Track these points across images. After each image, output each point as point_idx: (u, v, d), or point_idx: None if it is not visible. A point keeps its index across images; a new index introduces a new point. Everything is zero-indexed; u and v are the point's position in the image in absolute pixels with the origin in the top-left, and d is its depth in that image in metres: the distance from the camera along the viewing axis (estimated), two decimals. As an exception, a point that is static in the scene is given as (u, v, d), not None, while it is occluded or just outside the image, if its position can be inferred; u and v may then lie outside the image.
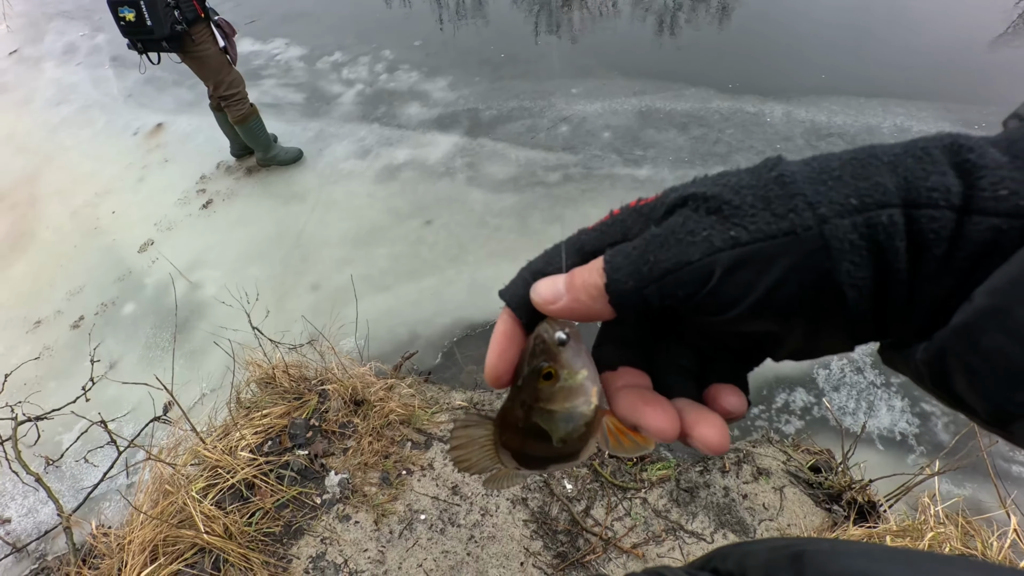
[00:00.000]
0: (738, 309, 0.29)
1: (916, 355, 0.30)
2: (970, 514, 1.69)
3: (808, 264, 0.28)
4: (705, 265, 0.29)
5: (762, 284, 0.29)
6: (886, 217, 0.28)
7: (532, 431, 0.37)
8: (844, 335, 0.32)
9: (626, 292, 0.31)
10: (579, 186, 3.64)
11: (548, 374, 0.35)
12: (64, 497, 2.37)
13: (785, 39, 4.73)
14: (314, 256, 3.50)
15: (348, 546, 1.89)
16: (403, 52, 5.32)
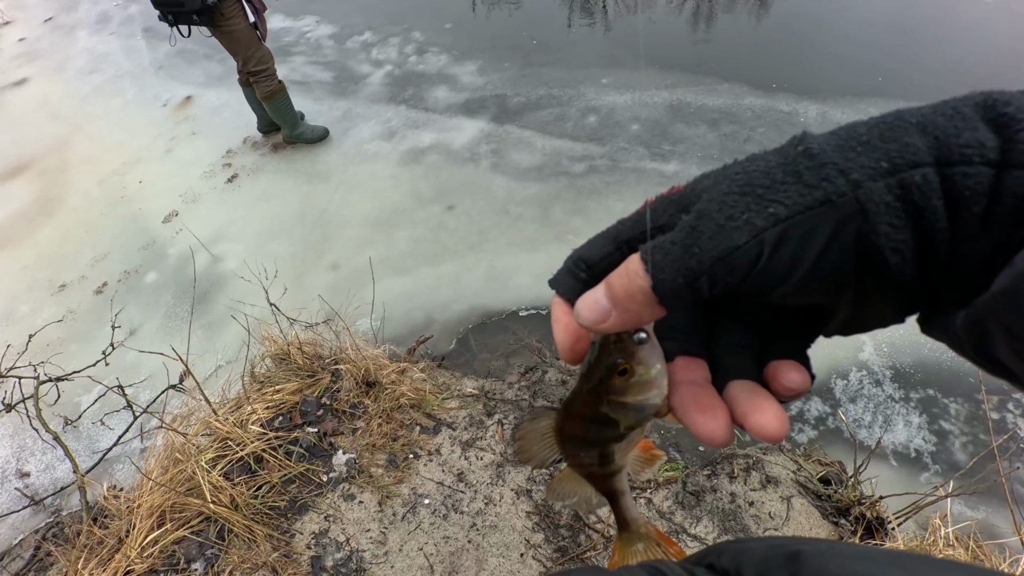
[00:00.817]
0: (788, 284, 0.29)
1: (956, 322, 0.29)
2: (982, 538, 1.64)
3: (848, 230, 0.28)
4: (753, 246, 0.29)
5: (809, 256, 0.29)
6: (919, 176, 0.27)
7: (598, 419, 0.38)
8: (892, 304, 0.31)
9: (676, 289, 0.30)
10: (604, 178, 3.59)
11: (624, 370, 0.35)
12: (80, 457, 2.44)
13: (824, 37, 4.58)
14: (335, 235, 3.52)
15: (351, 525, 1.91)
16: (433, 34, 5.29)
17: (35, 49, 6.57)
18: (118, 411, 2.39)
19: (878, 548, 0.36)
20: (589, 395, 0.37)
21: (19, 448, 2.66)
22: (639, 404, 0.36)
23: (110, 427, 2.46)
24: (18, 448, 2.66)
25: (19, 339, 2.69)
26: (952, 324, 0.30)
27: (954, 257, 0.29)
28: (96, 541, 1.76)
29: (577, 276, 0.36)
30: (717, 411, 0.34)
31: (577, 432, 0.41)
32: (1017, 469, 1.94)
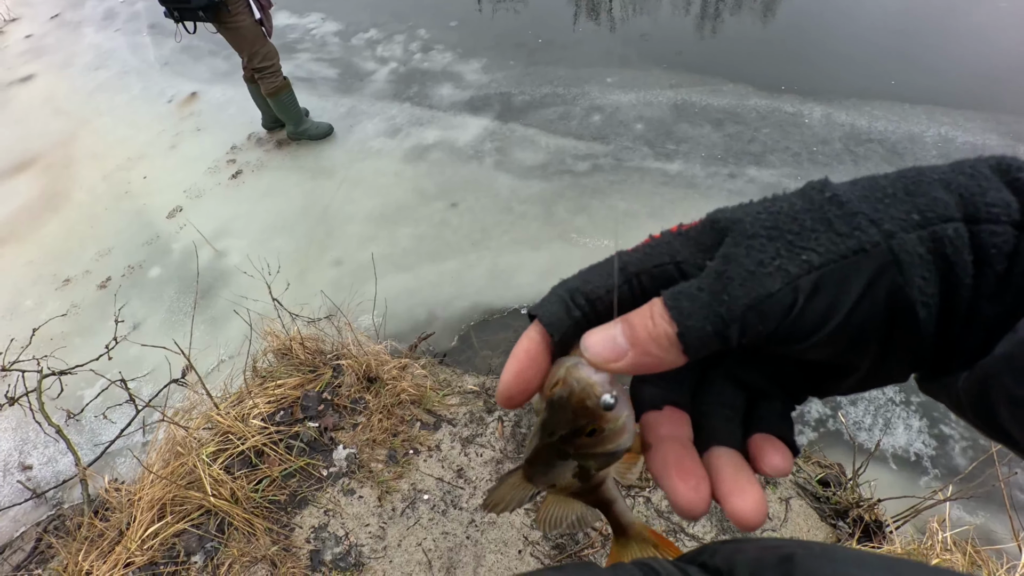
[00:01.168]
0: (820, 334, 0.28)
1: (958, 383, 0.29)
2: (980, 543, 1.64)
3: (883, 281, 0.28)
4: (787, 293, 0.28)
5: (843, 306, 0.28)
6: (952, 230, 0.27)
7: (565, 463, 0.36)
8: (908, 360, 0.31)
9: (704, 338, 0.29)
10: (608, 177, 3.59)
11: (592, 431, 0.33)
12: (82, 450, 2.45)
13: (829, 39, 4.56)
14: (338, 232, 3.52)
15: (350, 519, 1.92)
16: (438, 32, 5.29)
17: (41, 45, 6.61)
18: (120, 405, 2.40)
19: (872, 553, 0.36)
20: (552, 449, 0.35)
21: (22, 441, 2.68)
22: (610, 452, 0.34)
23: (112, 420, 2.48)
24: (21, 441, 2.68)
25: (23, 333, 2.71)
26: (953, 385, 0.30)
27: (970, 318, 0.29)
28: (97, 533, 1.77)
29: (570, 310, 0.33)
30: (699, 481, 0.33)
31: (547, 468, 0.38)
32: (1015, 475, 1.93)
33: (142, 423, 2.43)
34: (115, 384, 2.12)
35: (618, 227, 3.32)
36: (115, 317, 2.50)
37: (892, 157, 3.42)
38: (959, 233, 0.27)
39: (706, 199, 3.34)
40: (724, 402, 0.36)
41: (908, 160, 3.39)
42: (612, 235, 3.24)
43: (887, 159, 3.41)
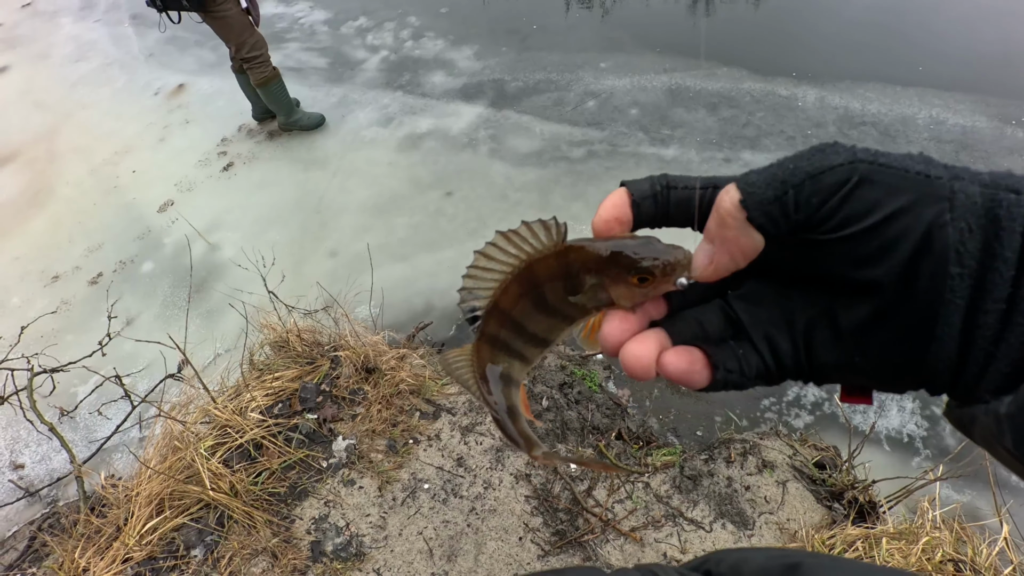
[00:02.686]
0: (860, 225, 0.31)
1: (1000, 408, 0.29)
2: (966, 520, 1.66)
3: (930, 209, 0.30)
4: (845, 171, 0.31)
5: (887, 205, 0.30)
6: (1012, 198, 0.29)
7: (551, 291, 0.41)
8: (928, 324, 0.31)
9: (765, 201, 0.32)
10: (603, 163, 3.57)
11: (644, 279, 0.38)
12: (77, 447, 2.43)
13: (823, 22, 4.54)
14: (333, 223, 3.50)
15: (351, 510, 1.92)
16: (429, 19, 5.22)
17: (14, 36, 6.46)
18: (116, 400, 2.38)
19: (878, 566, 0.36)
20: (562, 264, 0.40)
21: (13, 440, 2.66)
22: (607, 296, 0.39)
23: (108, 417, 2.46)
24: (12, 440, 2.66)
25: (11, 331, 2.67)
26: (990, 411, 0.30)
27: (1011, 314, 0.29)
28: (94, 530, 1.76)
29: (653, 184, 0.38)
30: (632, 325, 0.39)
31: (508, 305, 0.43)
32: None
33: (138, 418, 2.42)
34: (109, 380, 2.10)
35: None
36: (108, 313, 2.47)
37: (885, 140, 3.42)
38: (1020, 203, 0.28)
39: (701, 184, 3.33)
40: (702, 318, 0.39)
41: (900, 142, 3.39)
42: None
43: (880, 142, 3.40)
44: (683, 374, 0.36)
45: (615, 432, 2.19)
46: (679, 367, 0.36)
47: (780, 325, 0.36)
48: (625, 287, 0.39)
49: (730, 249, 0.34)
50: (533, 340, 0.45)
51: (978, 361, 0.31)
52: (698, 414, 2.37)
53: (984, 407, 0.30)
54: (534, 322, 0.44)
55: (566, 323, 0.44)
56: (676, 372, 0.36)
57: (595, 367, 2.54)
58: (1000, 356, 0.30)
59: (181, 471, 1.83)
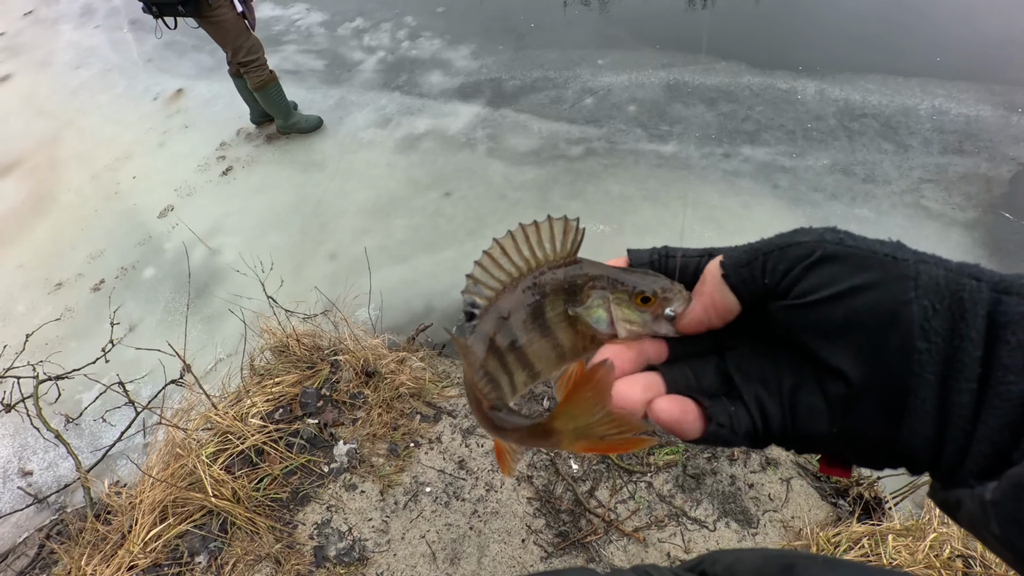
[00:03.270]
0: (819, 294, 0.33)
1: (986, 494, 0.30)
2: None
3: (894, 283, 0.31)
4: (810, 246, 0.34)
5: (851, 279, 0.32)
6: (975, 284, 0.30)
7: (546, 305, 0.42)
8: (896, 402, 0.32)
9: (739, 264, 0.36)
10: (602, 161, 3.56)
11: (646, 299, 0.40)
12: (83, 454, 2.44)
13: (822, 13, 4.50)
14: (332, 225, 3.50)
15: (353, 514, 1.92)
16: (426, 19, 5.21)
17: (16, 44, 6.48)
18: (119, 407, 2.39)
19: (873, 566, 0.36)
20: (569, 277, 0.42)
21: (21, 447, 2.67)
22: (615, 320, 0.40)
23: (112, 423, 2.47)
24: (20, 447, 2.67)
25: (16, 339, 2.69)
26: (974, 496, 0.30)
27: (980, 408, 0.30)
28: (100, 537, 1.77)
29: (652, 254, 0.43)
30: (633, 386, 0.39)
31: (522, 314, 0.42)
32: None
33: (142, 424, 2.42)
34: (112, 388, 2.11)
35: (614, 211, 3.28)
36: (111, 319, 2.48)
37: (887, 131, 3.39)
38: (980, 290, 0.30)
39: (701, 180, 3.31)
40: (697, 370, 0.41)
41: (903, 133, 3.36)
42: (608, 220, 3.21)
43: (882, 134, 3.37)
44: (675, 422, 0.37)
45: (617, 431, 2.19)
46: (671, 415, 0.37)
47: (770, 388, 0.37)
48: (627, 305, 0.40)
49: (705, 303, 0.38)
50: (522, 360, 0.43)
51: (957, 440, 0.31)
52: (700, 412, 2.36)
53: (969, 491, 0.31)
54: (527, 336, 0.43)
55: (555, 352, 0.43)
56: (668, 419, 0.37)
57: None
58: (979, 438, 0.30)
59: (183, 478, 1.83)
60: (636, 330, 0.40)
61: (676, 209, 3.22)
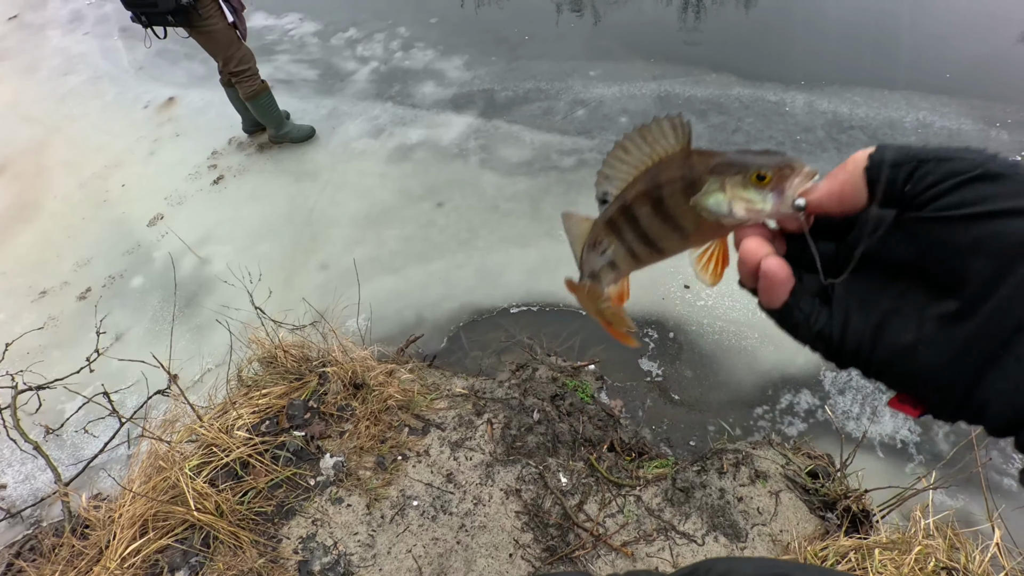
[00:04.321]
0: (965, 210, 0.31)
1: None
2: (960, 526, 1.64)
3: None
4: (974, 162, 0.32)
5: (1003, 202, 0.31)
6: None
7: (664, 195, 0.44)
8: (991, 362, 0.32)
9: (887, 161, 0.35)
10: (593, 172, 3.48)
11: (762, 176, 0.40)
12: (64, 466, 2.40)
13: (811, 27, 4.56)
14: (324, 235, 3.48)
15: (339, 528, 1.89)
16: (419, 29, 5.23)
17: (1, 48, 6.42)
18: (103, 418, 2.35)
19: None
20: (686, 166, 0.43)
21: (-4, 459, 2.62)
22: (733, 202, 0.41)
23: (94, 435, 2.43)
24: (-5, 459, 2.62)
25: (-3, 348, 2.65)
26: None
27: None
28: (75, 553, 1.73)
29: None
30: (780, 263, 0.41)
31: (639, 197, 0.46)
32: (989, 460, 1.95)
33: (127, 435, 2.39)
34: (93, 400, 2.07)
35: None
36: (97, 328, 2.45)
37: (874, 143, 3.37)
38: None
39: (691, 191, 3.33)
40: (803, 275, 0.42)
41: (891, 147, 3.40)
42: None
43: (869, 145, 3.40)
44: (773, 277, 0.39)
45: (607, 444, 2.17)
46: (776, 272, 0.39)
47: (864, 306, 0.38)
48: (743, 186, 0.40)
49: (832, 187, 0.37)
50: (644, 239, 0.48)
51: None
52: (691, 424, 2.36)
53: None
54: (649, 222, 0.46)
55: (677, 234, 0.46)
56: (770, 271, 0.39)
57: (587, 378, 2.53)
58: None
59: (165, 492, 1.80)
60: (755, 209, 0.40)
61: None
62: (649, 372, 2.54)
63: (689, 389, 2.46)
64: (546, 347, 2.68)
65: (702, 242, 0.46)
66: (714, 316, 2.69)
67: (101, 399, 2.15)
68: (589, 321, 2.78)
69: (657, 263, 0.51)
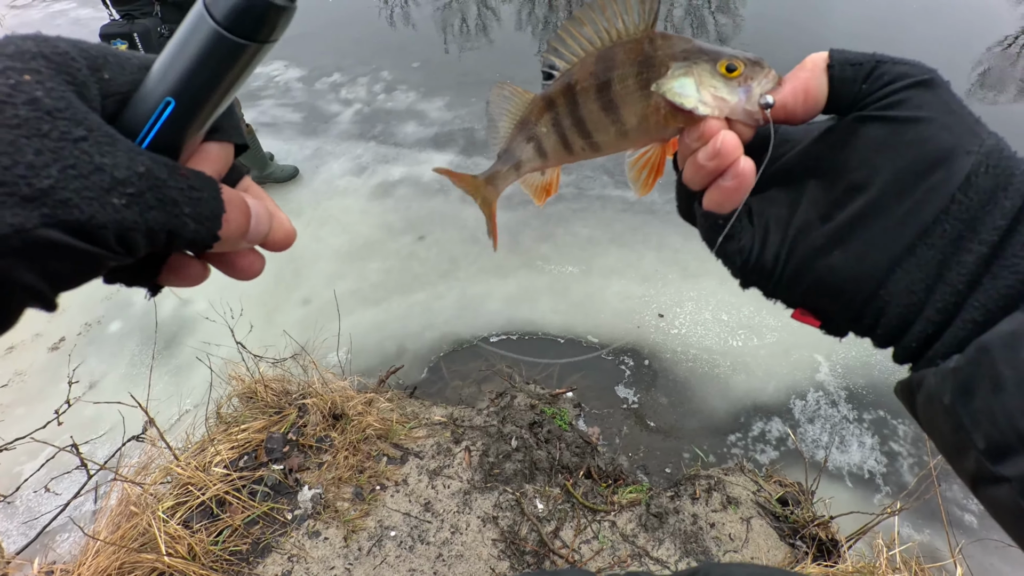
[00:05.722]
0: (902, 111, 0.35)
1: (949, 364, 0.32)
2: (925, 561, 1.68)
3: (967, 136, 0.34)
4: (925, 70, 0.36)
5: (934, 111, 0.34)
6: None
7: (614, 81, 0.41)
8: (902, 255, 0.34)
9: (849, 60, 0.36)
10: (570, 206, 3.68)
11: (732, 67, 0.38)
12: (11, 537, 2.26)
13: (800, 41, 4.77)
14: (307, 270, 3.52)
15: (315, 563, 1.88)
16: (401, 73, 5.41)
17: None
18: (69, 472, 2.25)
19: None
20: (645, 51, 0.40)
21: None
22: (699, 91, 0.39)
23: (56, 493, 2.27)
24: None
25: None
26: (943, 369, 0.32)
27: (983, 275, 0.33)
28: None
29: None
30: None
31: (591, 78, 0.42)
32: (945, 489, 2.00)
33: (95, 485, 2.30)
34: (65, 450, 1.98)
35: (582, 254, 3.37)
36: (69, 379, 2.35)
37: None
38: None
39: (664, 224, 3.44)
40: None
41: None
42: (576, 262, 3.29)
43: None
44: (744, 177, 0.39)
45: (584, 470, 2.19)
46: (749, 174, 0.39)
47: (780, 220, 0.39)
48: (711, 75, 0.38)
49: (796, 87, 0.38)
50: (581, 127, 0.44)
51: (944, 304, 0.33)
52: (667, 450, 2.38)
53: (935, 369, 0.33)
54: (591, 107, 0.43)
55: (616, 128, 0.43)
56: (744, 171, 0.39)
57: (565, 405, 2.56)
58: (972, 304, 0.33)
59: (135, 539, 1.78)
60: (722, 99, 0.39)
61: (642, 251, 3.32)
62: (625, 399, 2.58)
63: (664, 416, 2.50)
64: (525, 375, 2.72)
65: (640, 143, 0.44)
66: (688, 344, 2.74)
67: (67, 453, 2.01)
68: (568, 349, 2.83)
69: (588, 160, 0.47)
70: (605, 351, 2.75)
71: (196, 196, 0.31)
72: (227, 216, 0.34)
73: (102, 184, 0.27)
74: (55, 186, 0.26)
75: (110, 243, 0.28)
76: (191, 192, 0.31)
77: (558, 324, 2.95)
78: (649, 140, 0.44)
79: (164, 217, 0.30)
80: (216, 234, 0.33)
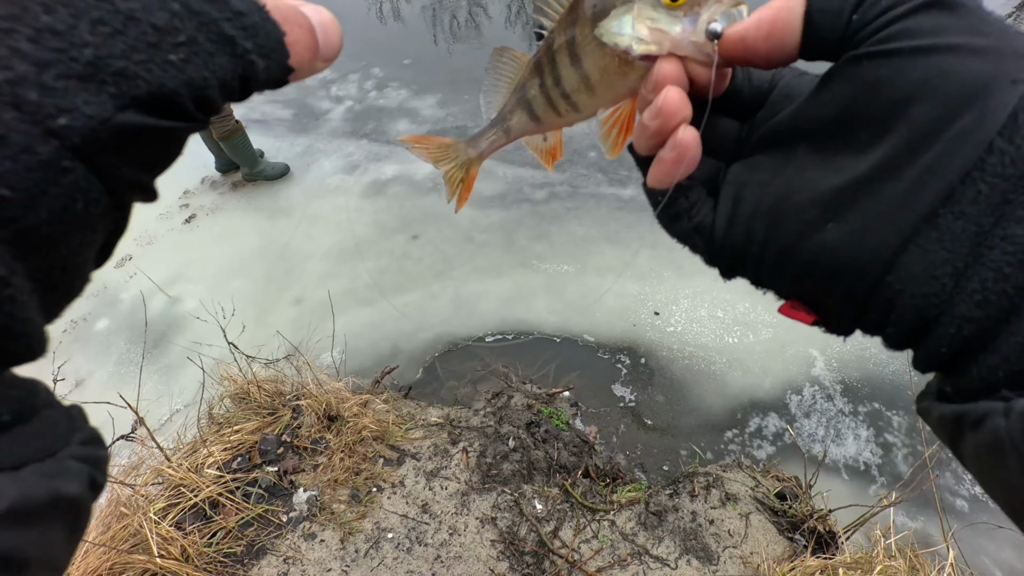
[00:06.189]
0: (909, 41, 0.26)
1: (1016, 406, 0.23)
2: (919, 547, 1.69)
3: (1008, 61, 0.25)
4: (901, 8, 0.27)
5: (953, 36, 0.25)
6: None
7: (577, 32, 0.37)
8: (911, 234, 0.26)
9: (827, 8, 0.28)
10: (565, 204, 3.67)
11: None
12: None
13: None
14: (298, 270, 3.49)
15: (311, 566, 1.86)
16: (393, 70, 5.37)
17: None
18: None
19: None
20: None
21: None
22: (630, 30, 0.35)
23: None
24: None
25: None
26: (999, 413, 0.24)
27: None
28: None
29: None
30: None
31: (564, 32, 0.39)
32: (938, 476, 2.03)
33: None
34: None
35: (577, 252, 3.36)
36: (53, 376, 2.34)
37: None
38: None
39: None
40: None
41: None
42: (571, 260, 3.29)
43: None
44: (686, 147, 0.33)
45: (582, 470, 2.19)
46: (691, 143, 0.33)
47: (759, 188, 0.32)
48: (652, 7, 0.34)
49: (762, 19, 0.30)
50: (559, 86, 0.41)
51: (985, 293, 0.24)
52: (664, 448, 2.38)
53: (1005, 405, 0.24)
54: (563, 65, 0.40)
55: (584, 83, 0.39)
56: (684, 141, 0.33)
57: (562, 404, 2.55)
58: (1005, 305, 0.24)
59: (125, 540, 1.75)
60: (660, 31, 0.34)
61: (636, 249, 3.32)
62: (622, 398, 2.58)
63: (661, 414, 2.50)
64: (521, 375, 2.70)
65: (610, 99, 0.40)
66: (683, 342, 2.75)
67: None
68: (565, 348, 2.82)
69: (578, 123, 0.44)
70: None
71: (248, 23, 0.24)
72: (289, 38, 0.26)
73: (146, 38, 0.21)
74: (100, 55, 0.20)
75: (190, 111, 0.24)
76: (240, 20, 0.24)
77: (553, 323, 2.94)
78: (618, 95, 0.39)
79: (230, 63, 0.24)
80: (287, 64, 0.27)
